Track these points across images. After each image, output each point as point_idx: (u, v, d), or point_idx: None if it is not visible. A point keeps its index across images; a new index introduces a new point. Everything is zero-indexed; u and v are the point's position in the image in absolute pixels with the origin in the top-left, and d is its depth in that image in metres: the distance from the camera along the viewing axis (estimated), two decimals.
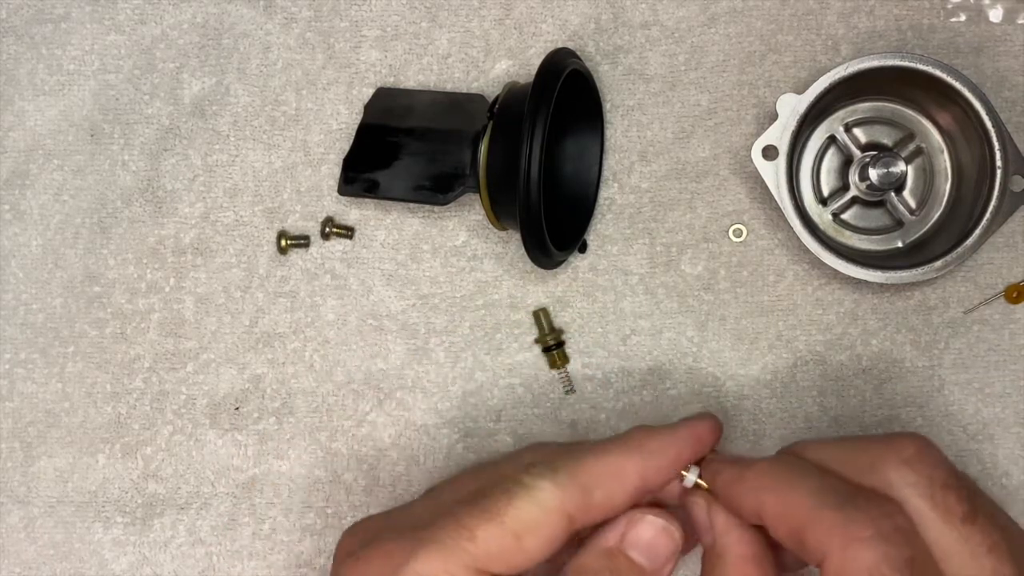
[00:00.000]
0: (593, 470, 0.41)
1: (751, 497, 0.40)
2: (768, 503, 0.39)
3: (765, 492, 0.39)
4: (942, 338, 0.53)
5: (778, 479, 0.39)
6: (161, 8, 0.56)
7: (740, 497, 0.40)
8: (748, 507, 0.40)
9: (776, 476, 0.40)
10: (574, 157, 0.54)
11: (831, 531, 0.36)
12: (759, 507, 0.39)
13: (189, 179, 0.55)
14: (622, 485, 0.41)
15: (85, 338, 0.55)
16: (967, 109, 0.50)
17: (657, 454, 0.41)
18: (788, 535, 0.38)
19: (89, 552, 0.54)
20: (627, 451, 0.41)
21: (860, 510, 0.37)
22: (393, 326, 0.54)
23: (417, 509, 0.43)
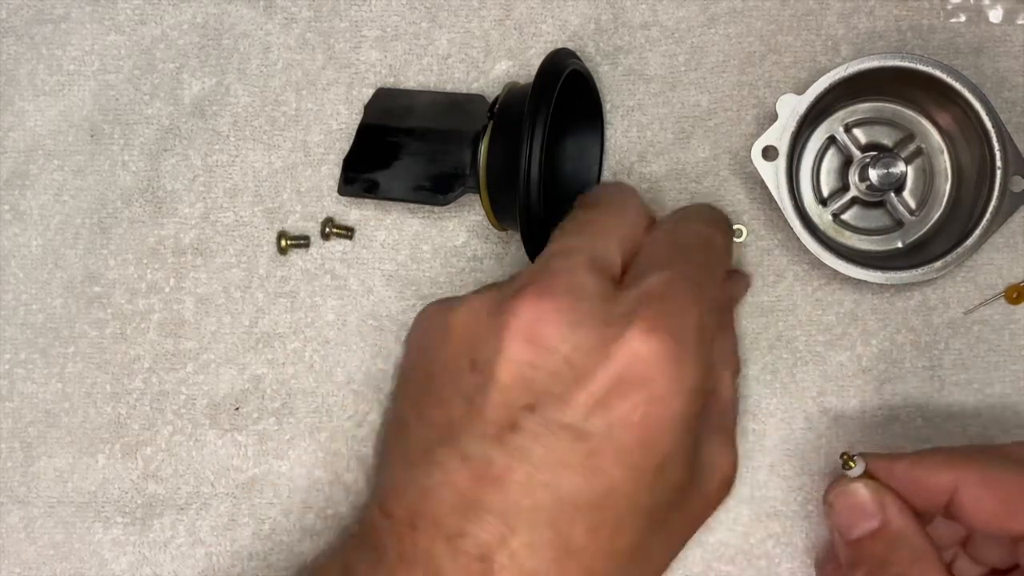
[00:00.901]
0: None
1: (946, 474, 0.41)
2: (971, 478, 0.40)
3: (965, 470, 0.41)
4: (942, 338, 0.53)
5: (975, 458, 0.42)
6: (161, 8, 0.56)
7: (931, 475, 0.41)
8: (941, 483, 0.41)
9: (971, 456, 0.42)
10: (574, 157, 0.54)
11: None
12: (957, 482, 0.41)
13: (189, 179, 0.55)
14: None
15: (85, 338, 0.55)
16: (967, 109, 0.50)
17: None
18: (997, 504, 0.40)
19: (89, 552, 0.54)
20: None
21: None
22: (393, 326, 0.54)
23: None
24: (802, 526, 0.52)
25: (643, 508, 0.38)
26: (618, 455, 0.37)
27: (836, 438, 0.53)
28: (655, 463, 0.38)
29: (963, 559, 0.47)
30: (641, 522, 0.39)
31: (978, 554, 0.46)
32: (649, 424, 0.38)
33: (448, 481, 0.38)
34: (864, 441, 0.53)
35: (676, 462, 0.39)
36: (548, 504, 0.37)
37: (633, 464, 0.38)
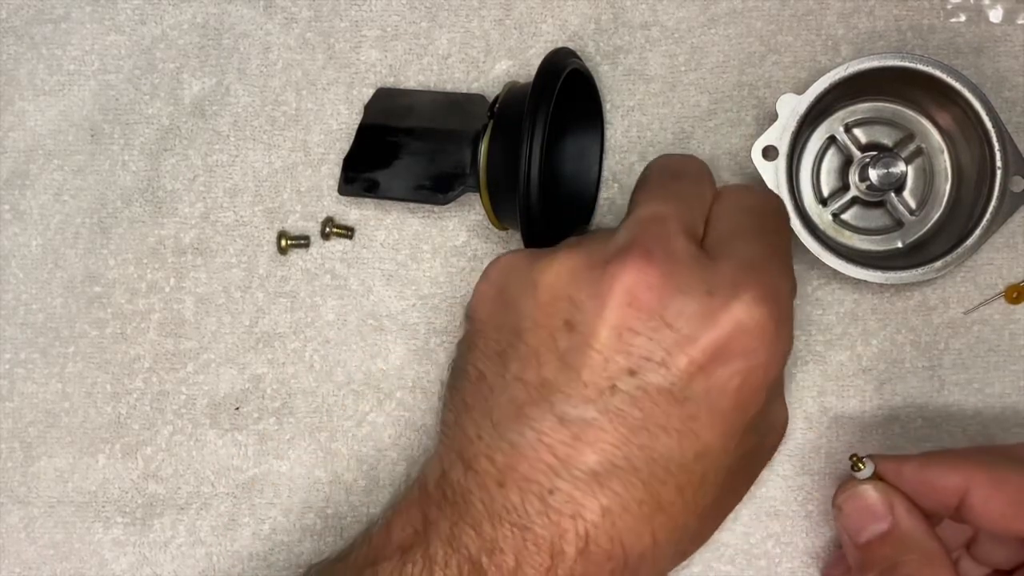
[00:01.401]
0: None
1: (956, 475, 0.41)
2: (981, 479, 0.41)
3: (975, 471, 0.41)
4: (942, 338, 0.53)
5: (984, 460, 0.42)
6: (161, 8, 0.56)
7: (940, 477, 0.42)
8: (950, 485, 0.41)
9: (980, 458, 0.42)
10: (574, 157, 0.54)
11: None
12: (967, 484, 0.41)
13: (189, 179, 0.55)
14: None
15: (85, 338, 0.55)
16: (967, 109, 0.50)
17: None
18: (1007, 506, 0.40)
19: (89, 552, 0.54)
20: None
21: None
22: (393, 326, 0.54)
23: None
24: (802, 526, 0.52)
25: (727, 467, 0.40)
26: (713, 420, 0.39)
27: (836, 438, 0.53)
28: (744, 427, 0.40)
29: (966, 560, 0.47)
30: (723, 479, 0.41)
31: (982, 555, 0.46)
32: (745, 390, 0.39)
33: (543, 442, 0.39)
34: (864, 441, 0.53)
35: (759, 424, 0.41)
36: (641, 465, 0.39)
37: (725, 429, 0.39)
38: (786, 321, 0.41)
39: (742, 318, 0.39)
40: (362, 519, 0.53)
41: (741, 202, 0.44)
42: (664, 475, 0.39)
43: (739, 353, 0.39)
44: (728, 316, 0.39)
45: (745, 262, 0.41)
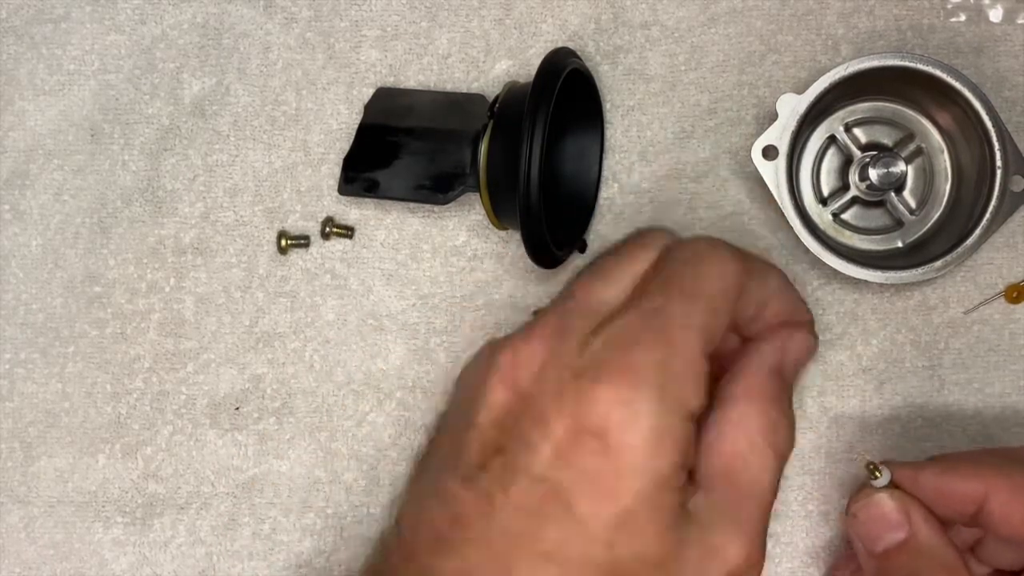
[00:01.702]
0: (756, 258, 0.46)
1: (975, 483, 0.41)
2: (1000, 486, 0.40)
3: (994, 477, 0.40)
4: (942, 338, 0.53)
5: (1002, 466, 0.41)
6: (161, 8, 0.56)
7: (959, 485, 0.41)
8: (969, 492, 0.41)
9: (998, 464, 0.41)
10: (574, 157, 0.54)
11: None
12: (986, 491, 0.40)
13: (189, 179, 0.55)
14: (764, 289, 0.45)
15: (85, 338, 0.55)
16: (967, 109, 0.50)
17: (794, 304, 0.47)
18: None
19: (89, 552, 0.54)
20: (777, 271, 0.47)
21: None
22: (393, 326, 0.54)
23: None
24: (802, 526, 0.52)
25: (600, 566, 0.37)
26: (574, 505, 0.37)
27: (836, 438, 0.53)
28: (612, 517, 0.37)
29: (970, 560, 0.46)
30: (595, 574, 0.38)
31: (988, 556, 0.46)
32: (605, 475, 0.37)
33: (427, 517, 0.40)
34: (864, 441, 0.53)
35: (644, 525, 0.38)
36: (504, 548, 0.38)
37: (587, 515, 0.37)
38: (648, 396, 0.38)
39: (593, 397, 0.38)
40: (362, 519, 0.53)
41: (658, 269, 0.43)
42: (530, 561, 0.38)
43: (594, 434, 0.37)
44: (581, 396, 0.38)
45: (611, 336, 0.40)
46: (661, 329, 0.39)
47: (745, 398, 0.42)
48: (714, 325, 0.40)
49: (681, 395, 0.38)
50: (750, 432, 0.41)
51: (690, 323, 0.40)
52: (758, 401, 0.42)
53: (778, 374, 0.43)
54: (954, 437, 0.53)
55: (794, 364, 0.45)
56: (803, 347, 0.45)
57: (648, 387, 0.38)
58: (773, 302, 0.45)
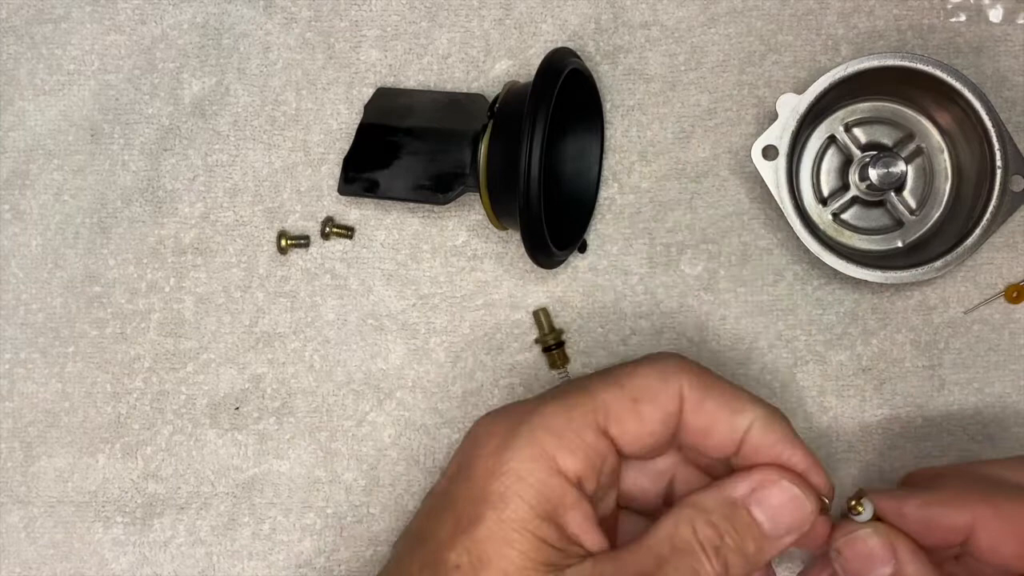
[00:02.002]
0: (720, 381, 0.42)
1: (961, 514, 0.40)
2: (988, 517, 0.39)
3: (980, 507, 0.40)
4: (942, 338, 0.53)
5: (989, 495, 0.40)
6: (161, 8, 0.56)
7: (945, 517, 0.40)
8: (956, 524, 0.40)
9: (984, 492, 0.40)
10: (574, 157, 0.54)
11: None
12: (973, 523, 0.39)
13: (189, 179, 0.55)
14: (733, 416, 0.41)
15: (85, 338, 0.55)
16: (967, 109, 0.50)
17: (775, 431, 0.41)
18: (1018, 545, 0.39)
19: (89, 552, 0.54)
20: (757, 404, 0.42)
21: None
22: (393, 326, 0.54)
23: (550, 389, 0.45)
24: None
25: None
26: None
27: (836, 438, 0.53)
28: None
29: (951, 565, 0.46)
30: None
31: (969, 571, 0.44)
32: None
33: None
34: (864, 441, 0.53)
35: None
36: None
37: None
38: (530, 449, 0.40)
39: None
40: (362, 519, 0.53)
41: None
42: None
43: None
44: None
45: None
46: (566, 391, 0.42)
47: (676, 515, 0.40)
48: (623, 410, 0.41)
49: (554, 453, 0.39)
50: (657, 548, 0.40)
51: (596, 396, 0.41)
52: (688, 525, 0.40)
53: (731, 511, 0.40)
54: (954, 437, 0.53)
55: (774, 510, 0.41)
56: (783, 499, 0.41)
57: (521, 435, 0.40)
58: (754, 440, 0.41)
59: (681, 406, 0.41)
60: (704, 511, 0.40)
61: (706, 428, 0.41)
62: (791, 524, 0.40)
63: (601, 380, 0.41)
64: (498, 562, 0.38)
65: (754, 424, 0.41)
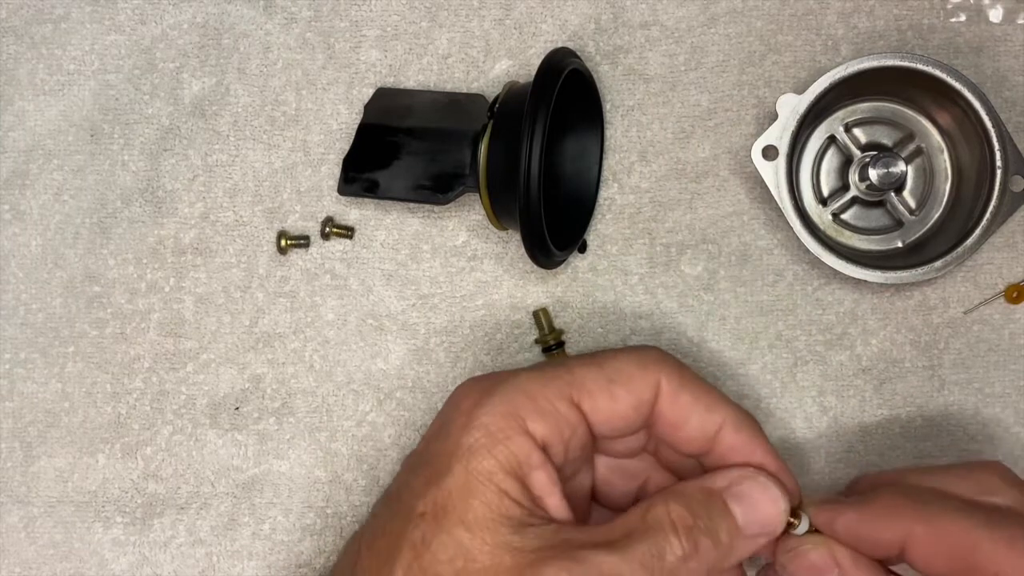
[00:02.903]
0: (697, 379, 0.42)
1: (893, 530, 0.40)
2: (919, 533, 0.39)
3: (912, 523, 0.40)
4: (942, 338, 0.53)
5: (921, 509, 0.40)
6: (161, 8, 0.56)
7: (877, 532, 0.40)
8: (888, 540, 0.40)
9: (917, 507, 0.40)
10: (574, 157, 0.54)
11: (1009, 554, 0.38)
12: (905, 539, 0.40)
13: (189, 179, 0.55)
14: (707, 412, 0.42)
15: (85, 338, 0.55)
16: (967, 109, 0.50)
17: (747, 433, 0.42)
18: (949, 562, 0.39)
19: (89, 552, 0.54)
20: (730, 405, 0.43)
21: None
22: (393, 326, 0.54)
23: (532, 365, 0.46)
24: None
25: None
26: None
27: (836, 438, 0.53)
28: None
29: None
30: None
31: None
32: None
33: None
34: (864, 441, 0.53)
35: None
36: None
37: None
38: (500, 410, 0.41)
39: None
40: (362, 519, 0.53)
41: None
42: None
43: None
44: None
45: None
46: (546, 364, 0.43)
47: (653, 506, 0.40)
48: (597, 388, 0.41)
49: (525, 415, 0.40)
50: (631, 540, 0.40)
51: (574, 371, 0.42)
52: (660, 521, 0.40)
53: (706, 498, 0.40)
54: (954, 437, 0.53)
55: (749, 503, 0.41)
56: (758, 495, 0.41)
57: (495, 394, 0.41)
58: (726, 440, 0.42)
59: (656, 395, 0.42)
60: (680, 495, 0.40)
61: (679, 421, 0.42)
62: (764, 521, 0.41)
63: (581, 359, 0.43)
64: (461, 511, 0.38)
65: (726, 423, 0.42)
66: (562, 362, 0.43)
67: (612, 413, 0.41)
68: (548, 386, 0.41)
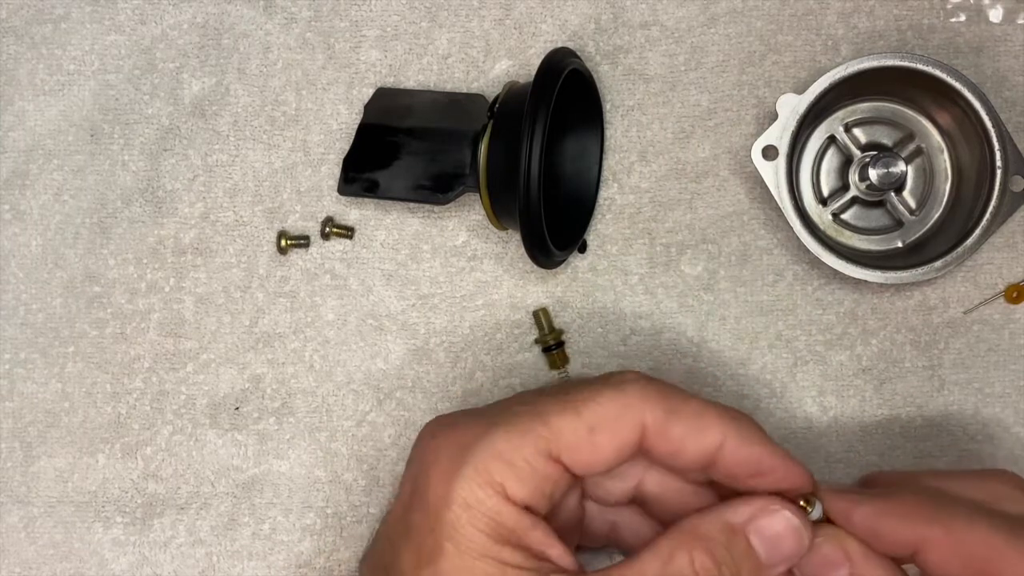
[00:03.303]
0: (685, 403, 0.40)
1: (910, 530, 0.39)
2: (937, 536, 0.39)
3: (930, 525, 0.39)
4: (942, 338, 0.53)
5: (940, 512, 0.39)
6: (161, 8, 0.56)
7: (894, 530, 0.40)
8: (904, 539, 0.39)
9: (936, 509, 0.39)
10: (574, 157, 0.54)
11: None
12: (921, 540, 0.39)
13: (189, 179, 0.55)
14: (702, 437, 0.40)
15: (85, 338, 0.55)
16: (967, 109, 0.50)
17: (747, 443, 0.40)
18: (964, 568, 0.38)
19: (89, 552, 0.54)
20: (723, 415, 0.40)
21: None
22: (393, 326, 0.54)
23: (502, 403, 0.43)
24: None
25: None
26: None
27: (836, 438, 0.53)
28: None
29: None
30: None
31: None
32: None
33: None
34: (864, 441, 0.53)
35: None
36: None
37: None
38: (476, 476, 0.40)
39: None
40: (362, 519, 0.53)
41: None
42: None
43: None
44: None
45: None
46: (518, 414, 0.40)
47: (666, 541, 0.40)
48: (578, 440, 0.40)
49: (503, 480, 0.39)
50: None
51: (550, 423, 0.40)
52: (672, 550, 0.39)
53: (730, 531, 0.40)
54: (954, 437, 0.53)
55: (771, 539, 0.40)
56: (781, 529, 0.40)
57: (469, 462, 0.39)
58: (728, 453, 0.40)
59: (643, 434, 0.40)
60: (703, 539, 0.39)
61: (674, 451, 0.40)
62: (787, 555, 0.40)
63: (557, 404, 0.40)
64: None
65: (726, 439, 0.40)
66: (537, 410, 0.40)
67: (595, 461, 0.40)
68: (524, 445, 0.39)
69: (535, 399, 0.41)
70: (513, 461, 0.39)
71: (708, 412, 0.40)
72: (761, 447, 0.41)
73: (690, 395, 0.41)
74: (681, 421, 0.40)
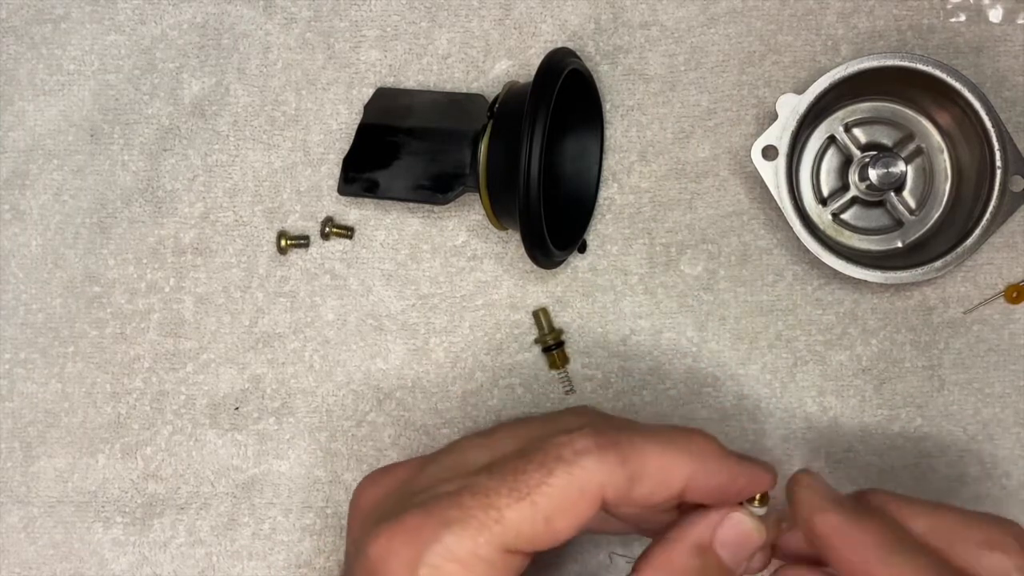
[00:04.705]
0: (647, 462, 0.39)
1: (854, 557, 0.39)
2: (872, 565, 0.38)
3: (875, 564, 0.38)
4: (942, 338, 0.53)
5: (892, 557, 0.38)
6: (161, 8, 0.56)
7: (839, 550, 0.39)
8: (846, 563, 0.39)
9: (890, 553, 0.38)
10: (574, 157, 0.54)
11: None
12: (858, 572, 0.39)
13: (189, 179, 0.55)
14: (667, 488, 0.39)
15: (85, 338, 0.55)
16: (967, 109, 0.50)
17: (713, 474, 0.40)
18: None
19: (89, 552, 0.54)
20: (685, 456, 0.39)
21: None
22: (393, 326, 0.54)
23: (444, 472, 0.41)
24: None
25: None
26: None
27: (836, 438, 0.53)
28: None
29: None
30: None
31: None
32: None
33: None
34: (864, 441, 0.53)
35: None
36: None
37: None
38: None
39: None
40: None
41: None
42: None
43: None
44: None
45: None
46: (469, 507, 0.39)
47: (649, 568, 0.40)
48: (536, 532, 0.39)
49: (466, 546, 0.38)
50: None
51: (504, 519, 0.38)
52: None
53: (699, 551, 0.40)
54: (954, 437, 0.53)
55: (733, 545, 0.41)
56: (738, 533, 0.40)
57: (424, 567, 0.38)
58: (694, 491, 0.40)
59: (604, 503, 0.39)
60: (680, 572, 0.39)
61: (638, 512, 0.40)
62: (747, 554, 0.41)
63: (508, 492, 0.38)
64: None
65: (690, 480, 0.39)
66: (488, 502, 0.38)
67: (554, 541, 0.39)
68: (480, 546, 0.37)
69: (483, 470, 0.40)
70: (470, 564, 0.38)
71: (669, 458, 0.39)
72: (726, 473, 0.40)
73: (648, 434, 0.40)
74: (644, 483, 0.39)
